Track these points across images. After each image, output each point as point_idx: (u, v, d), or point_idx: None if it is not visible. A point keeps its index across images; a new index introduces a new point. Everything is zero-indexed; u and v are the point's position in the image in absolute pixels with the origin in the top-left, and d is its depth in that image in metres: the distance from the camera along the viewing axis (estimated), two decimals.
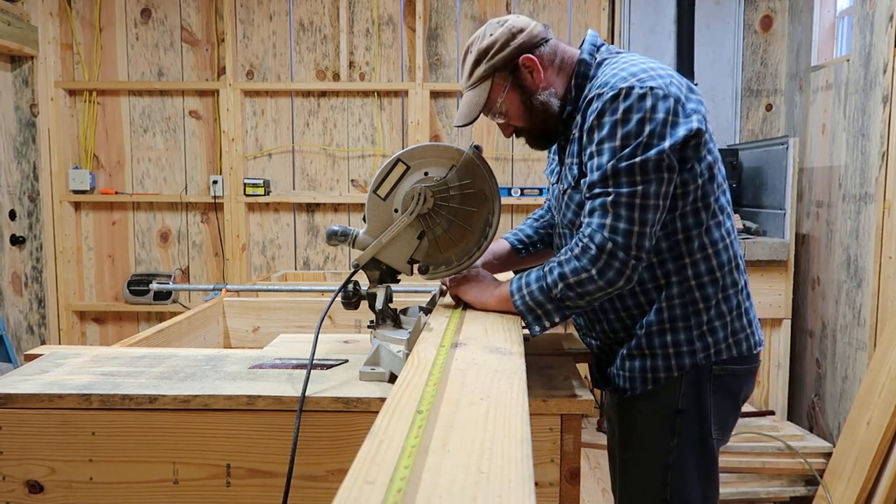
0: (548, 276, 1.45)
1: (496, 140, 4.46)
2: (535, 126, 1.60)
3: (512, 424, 0.81)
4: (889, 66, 3.03)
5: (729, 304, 1.56)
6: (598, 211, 1.42)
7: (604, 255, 1.40)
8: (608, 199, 1.41)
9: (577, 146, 1.53)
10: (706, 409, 1.58)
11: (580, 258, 1.42)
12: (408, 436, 0.77)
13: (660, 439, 1.58)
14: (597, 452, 3.82)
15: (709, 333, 1.55)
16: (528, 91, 1.55)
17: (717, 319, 1.55)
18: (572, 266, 1.42)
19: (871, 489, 2.81)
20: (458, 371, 1.02)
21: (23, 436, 1.30)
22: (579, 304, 1.46)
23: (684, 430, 1.57)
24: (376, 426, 0.80)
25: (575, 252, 1.43)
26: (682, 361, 1.55)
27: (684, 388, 1.56)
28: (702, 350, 1.55)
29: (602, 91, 1.45)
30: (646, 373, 1.57)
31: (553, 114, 1.57)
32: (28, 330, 4.33)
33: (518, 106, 1.57)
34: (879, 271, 3.08)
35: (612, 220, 1.41)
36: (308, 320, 2.55)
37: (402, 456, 0.72)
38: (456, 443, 0.76)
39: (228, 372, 1.44)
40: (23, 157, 4.28)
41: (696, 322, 1.54)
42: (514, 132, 1.64)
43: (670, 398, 1.57)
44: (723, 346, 1.56)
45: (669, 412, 1.57)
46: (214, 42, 4.43)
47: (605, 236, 1.40)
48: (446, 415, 0.84)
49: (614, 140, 1.42)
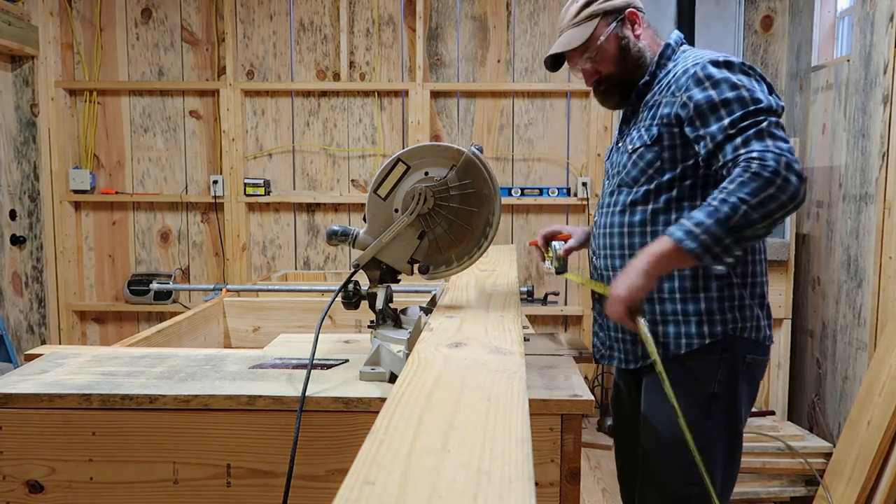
0: (722, 207, 1.43)
1: (496, 140, 4.47)
2: (625, 74, 1.72)
3: (512, 424, 0.81)
4: (889, 66, 3.03)
5: (754, 290, 1.66)
6: (755, 139, 1.46)
7: (782, 171, 1.41)
8: (763, 126, 1.47)
9: (659, 109, 1.63)
10: (739, 397, 1.64)
11: (756, 179, 1.42)
12: (408, 436, 0.77)
13: (694, 422, 1.56)
14: (597, 452, 3.82)
15: (738, 309, 1.63)
16: (627, 39, 1.71)
17: (748, 298, 1.64)
18: (751, 188, 1.42)
19: (872, 489, 2.81)
20: (458, 371, 1.03)
21: (23, 436, 1.30)
22: (758, 231, 1.45)
23: (717, 414, 1.62)
24: (377, 426, 0.80)
25: (746, 176, 1.43)
26: (715, 329, 1.62)
27: (720, 374, 1.62)
28: (731, 322, 1.62)
29: (699, 61, 1.58)
30: (679, 338, 1.63)
31: (643, 65, 1.71)
32: (28, 330, 4.33)
33: (615, 51, 1.70)
34: (880, 271, 3.08)
35: (775, 141, 1.45)
36: (308, 320, 2.55)
37: (403, 456, 0.72)
38: (456, 443, 0.76)
39: (228, 372, 1.44)
40: (23, 156, 4.28)
41: (728, 294, 1.62)
42: (598, 82, 1.75)
43: (706, 382, 1.62)
44: (749, 324, 1.64)
45: (703, 396, 1.62)
46: (215, 42, 4.44)
47: (776, 154, 1.42)
48: (446, 415, 0.84)
49: (738, 89, 1.51)
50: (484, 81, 4.42)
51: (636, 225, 1.69)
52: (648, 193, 1.67)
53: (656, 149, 1.64)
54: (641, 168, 1.66)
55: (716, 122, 1.53)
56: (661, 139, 1.63)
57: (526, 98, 4.44)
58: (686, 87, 1.58)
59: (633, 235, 1.69)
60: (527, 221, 4.51)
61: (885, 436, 2.75)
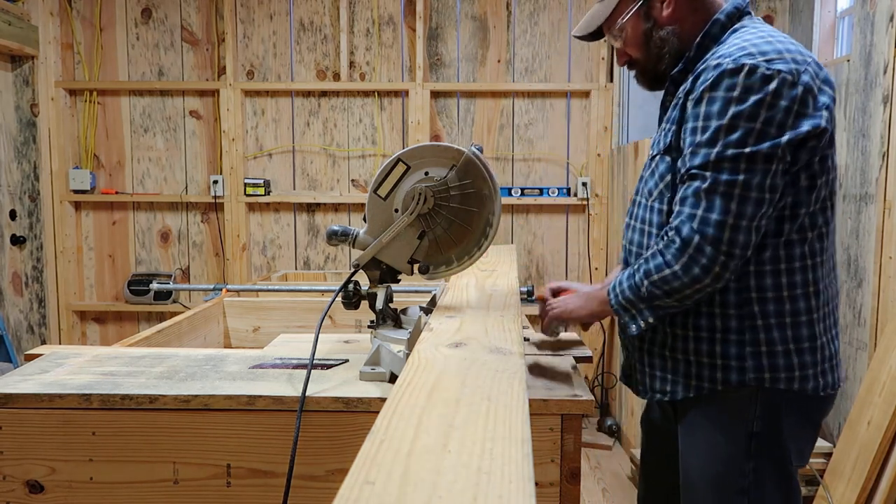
0: (635, 275, 1.40)
1: (496, 140, 4.47)
2: (648, 61, 1.53)
3: (512, 424, 0.81)
4: (889, 66, 3.02)
5: (799, 332, 1.39)
6: (691, 199, 1.31)
7: (689, 250, 1.30)
8: (703, 186, 1.30)
9: (678, 112, 1.41)
10: (783, 434, 1.43)
11: (664, 253, 1.35)
12: (408, 436, 0.77)
13: (733, 462, 1.45)
14: (597, 452, 3.82)
15: (766, 356, 1.39)
16: (652, 21, 1.48)
17: (779, 344, 1.39)
18: (656, 262, 1.36)
19: (872, 489, 2.81)
20: (458, 371, 1.03)
21: (23, 436, 1.30)
22: (668, 303, 1.38)
23: (761, 454, 1.43)
24: (377, 426, 0.80)
25: (660, 246, 1.36)
26: (729, 376, 1.41)
27: (758, 412, 1.42)
28: (752, 370, 1.40)
29: (721, 62, 1.32)
30: (689, 379, 1.46)
31: (670, 55, 1.49)
32: (28, 330, 4.33)
33: (638, 34, 1.51)
34: (880, 271, 3.08)
35: (703, 210, 1.29)
36: (308, 320, 2.55)
37: (403, 456, 0.72)
38: (456, 443, 0.75)
39: (229, 372, 1.44)
40: (23, 156, 4.28)
41: (750, 338, 1.39)
42: (628, 63, 1.58)
43: (741, 420, 1.43)
44: (782, 375, 1.40)
45: (742, 434, 1.43)
46: (215, 42, 4.44)
47: (693, 228, 1.30)
48: (447, 415, 0.84)
49: (723, 118, 1.29)
50: (484, 81, 4.42)
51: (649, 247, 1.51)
52: (662, 215, 1.45)
53: (668, 159, 1.43)
54: (655, 180, 1.47)
55: (687, 150, 1.35)
56: (671, 148, 1.43)
57: (526, 98, 4.44)
58: (698, 94, 1.35)
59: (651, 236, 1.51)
60: (527, 221, 4.51)
61: (885, 436, 2.75)
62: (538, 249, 4.51)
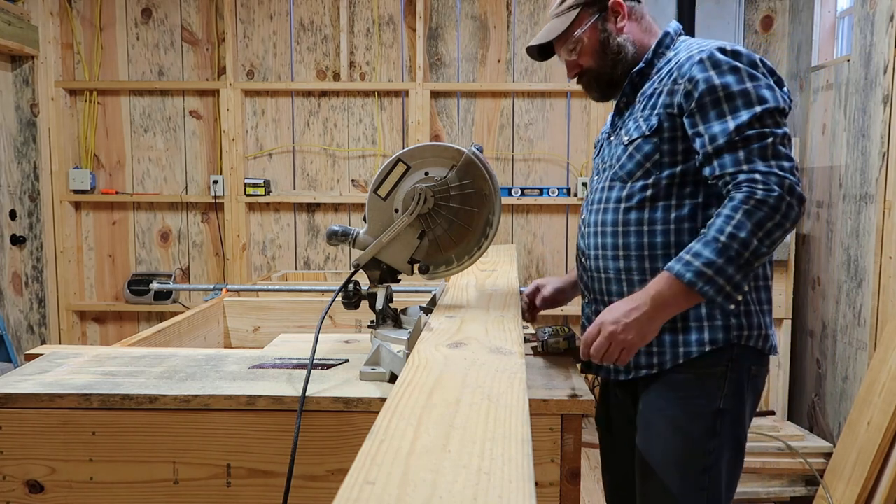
0: (732, 244, 1.35)
1: (496, 140, 4.47)
2: (604, 68, 1.63)
3: (512, 425, 0.81)
4: (889, 66, 3.02)
5: (761, 295, 1.55)
6: (758, 156, 1.38)
7: (787, 197, 1.35)
8: (769, 142, 1.39)
9: (660, 99, 1.53)
10: (744, 410, 1.54)
11: (761, 208, 1.35)
12: (408, 436, 0.77)
13: (698, 441, 1.50)
14: (597, 452, 3.81)
15: (744, 315, 1.51)
16: (608, 32, 1.61)
17: (754, 303, 1.53)
18: (758, 218, 1.35)
19: (872, 489, 2.81)
20: (458, 371, 1.02)
21: (23, 436, 1.30)
22: (764, 260, 1.41)
23: (724, 430, 1.51)
24: (377, 426, 0.80)
25: (752, 204, 1.35)
26: (716, 336, 1.50)
27: (727, 388, 1.50)
28: (736, 328, 1.50)
29: (705, 49, 1.47)
30: (677, 347, 1.51)
31: (625, 61, 1.62)
32: (28, 330, 4.33)
33: (594, 44, 1.61)
34: (880, 271, 3.08)
35: (779, 161, 1.38)
36: (308, 320, 2.55)
37: (403, 456, 0.72)
38: (456, 443, 0.76)
39: (229, 372, 1.44)
40: (23, 156, 4.28)
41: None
42: (579, 75, 1.67)
43: (708, 398, 1.50)
44: (755, 332, 1.52)
45: (708, 412, 1.50)
46: (215, 42, 4.43)
47: (780, 175, 1.36)
48: (447, 415, 0.84)
49: (746, 81, 1.42)
50: (484, 81, 4.42)
51: (632, 224, 1.56)
52: (645, 189, 1.54)
53: (655, 140, 1.52)
54: (638, 161, 1.54)
55: (718, 120, 1.42)
56: (660, 129, 1.51)
57: (526, 98, 4.44)
58: (690, 75, 1.47)
59: (629, 235, 1.56)
60: (527, 221, 4.51)
61: (885, 436, 2.75)
62: (538, 249, 4.51)
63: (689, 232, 1.51)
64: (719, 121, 1.42)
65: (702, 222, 1.50)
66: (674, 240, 1.52)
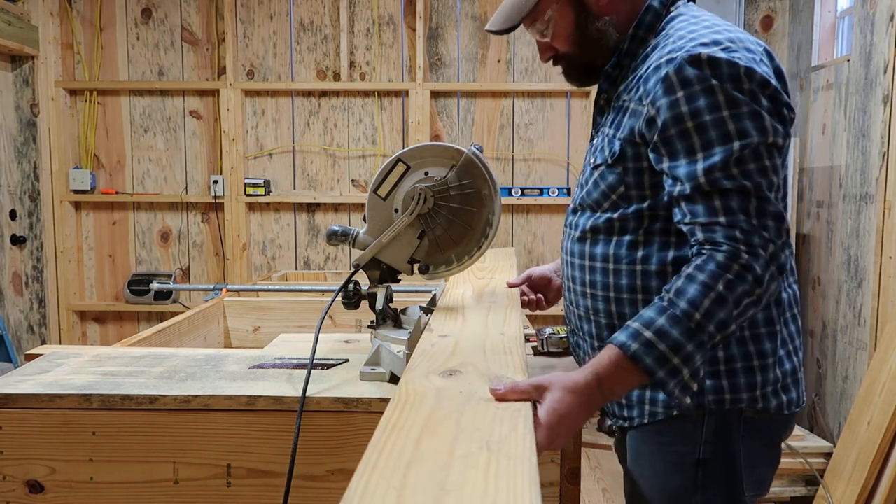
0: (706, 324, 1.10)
1: (496, 140, 4.47)
2: (582, 55, 1.37)
3: (518, 483, 0.69)
4: (890, 66, 3.02)
5: (759, 347, 1.28)
6: (738, 209, 1.12)
7: (770, 270, 1.12)
8: (749, 187, 1.12)
9: (625, 118, 1.27)
10: (737, 461, 1.29)
11: (744, 277, 1.10)
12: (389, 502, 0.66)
13: (679, 495, 1.31)
14: (597, 452, 3.82)
15: (725, 375, 1.27)
16: (586, 12, 1.33)
17: (739, 360, 1.27)
18: (739, 292, 1.10)
19: (872, 489, 2.81)
20: (452, 408, 0.90)
21: (23, 436, 1.30)
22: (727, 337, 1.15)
23: (709, 485, 1.29)
24: (353, 487, 0.68)
25: (734, 270, 1.11)
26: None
27: (706, 436, 1.28)
28: (712, 391, 1.26)
29: (675, 57, 1.17)
30: (643, 404, 1.32)
31: (606, 48, 1.34)
32: (28, 330, 4.33)
33: (570, 26, 1.34)
34: (880, 271, 3.08)
35: (761, 218, 1.12)
36: (308, 320, 2.55)
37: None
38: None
39: (229, 372, 1.44)
40: (23, 156, 4.28)
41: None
42: (553, 58, 1.41)
43: (687, 446, 1.29)
44: (744, 395, 1.27)
45: (688, 463, 1.29)
46: (215, 42, 4.44)
47: (767, 239, 1.12)
48: (437, 470, 0.72)
49: (721, 106, 1.13)
50: (484, 81, 4.42)
51: (598, 259, 1.34)
52: (611, 223, 1.32)
53: (619, 170, 1.28)
54: (603, 191, 1.31)
55: (686, 158, 1.16)
56: (623, 158, 1.27)
57: (526, 98, 4.44)
58: (653, 96, 1.19)
59: (595, 272, 1.35)
60: (527, 221, 4.51)
61: (885, 436, 2.75)
62: (538, 249, 4.51)
63: (656, 276, 1.28)
64: (687, 160, 1.16)
65: (672, 265, 1.27)
66: (640, 283, 1.30)
